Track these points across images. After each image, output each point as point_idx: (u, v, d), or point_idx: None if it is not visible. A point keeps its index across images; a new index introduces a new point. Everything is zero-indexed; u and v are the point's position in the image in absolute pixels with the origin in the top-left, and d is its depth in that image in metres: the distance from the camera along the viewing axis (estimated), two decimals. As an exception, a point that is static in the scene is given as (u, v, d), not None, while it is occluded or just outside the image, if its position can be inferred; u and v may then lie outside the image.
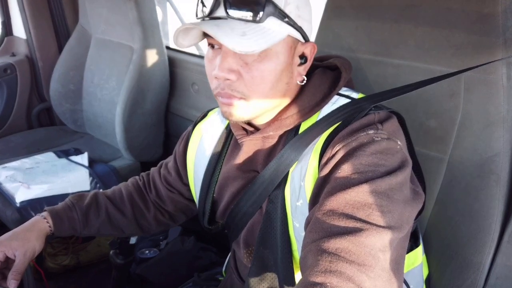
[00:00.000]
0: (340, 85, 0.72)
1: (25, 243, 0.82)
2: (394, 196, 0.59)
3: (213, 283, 1.04)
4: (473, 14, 0.80)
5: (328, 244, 0.55)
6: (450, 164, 0.86)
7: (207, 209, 0.86)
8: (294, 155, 0.69)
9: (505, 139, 0.80)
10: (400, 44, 0.90)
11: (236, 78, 0.66)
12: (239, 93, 0.67)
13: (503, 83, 0.78)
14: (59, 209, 0.92)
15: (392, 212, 0.58)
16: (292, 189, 0.70)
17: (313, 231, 0.59)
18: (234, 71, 0.66)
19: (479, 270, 0.83)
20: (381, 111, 0.69)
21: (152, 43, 1.71)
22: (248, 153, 0.76)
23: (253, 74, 0.66)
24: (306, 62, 0.72)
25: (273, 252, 0.73)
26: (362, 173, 0.60)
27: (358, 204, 0.58)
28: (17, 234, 0.84)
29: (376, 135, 0.63)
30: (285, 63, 0.68)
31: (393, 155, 0.63)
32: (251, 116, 0.71)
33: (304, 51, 0.71)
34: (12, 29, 2.19)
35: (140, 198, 0.99)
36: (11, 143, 1.96)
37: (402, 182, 0.62)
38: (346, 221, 0.56)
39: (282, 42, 0.66)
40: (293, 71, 0.70)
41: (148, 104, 1.77)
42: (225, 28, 0.62)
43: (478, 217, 0.82)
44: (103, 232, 0.97)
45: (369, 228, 0.55)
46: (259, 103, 0.69)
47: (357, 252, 0.54)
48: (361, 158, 0.61)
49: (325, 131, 0.68)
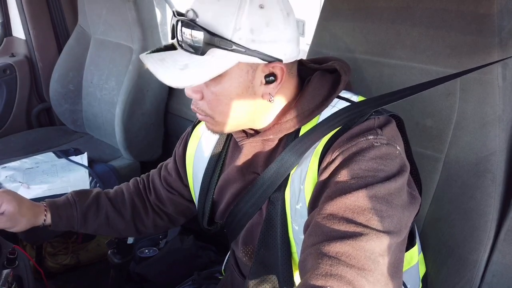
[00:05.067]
0: (340, 88, 0.72)
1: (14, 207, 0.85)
2: (393, 201, 0.60)
3: (212, 281, 1.04)
4: (469, 15, 0.80)
5: (328, 248, 0.55)
6: (446, 163, 0.86)
7: (206, 210, 0.87)
8: (295, 158, 0.69)
9: (500, 138, 0.80)
10: (397, 45, 0.91)
11: (200, 98, 0.69)
12: (203, 111, 0.71)
13: (498, 83, 0.79)
14: (60, 203, 0.93)
15: (391, 217, 0.59)
16: (292, 192, 0.70)
17: (313, 235, 0.59)
18: (197, 92, 0.69)
19: (475, 268, 0.84)
20: (381, 116, 0.69)
21: (151, 44, 1.71)
22: (248, 155, 0.77)
23: (209, 96, 0.68)
24: (276, 81, 0.68)
25: (273, 254, 0.73)
26: (362, 178, 0.61)
27: (358, 208, 0.58)
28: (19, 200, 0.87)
29: (375, 140, 0.64)
30: (243, 85, 0.67)
31: (392, 160, 0.63)
32: (228, 131, 0.74)
33: (271, 71, 0.68)
34: (12, 30, 2.19)
35: (140, 202, 1.00)
36: (11, 143, 1.96)
37: (400, 187, 0.63)
38: (346, 226, 0.57)
39: (235, 67, 0.65)
40: (256, 92, 0.68)
41: (148, 104, 1.77)
42: (169, 61, 0.65)
43: (474, 215, 0.83)
44: (100, 232, 0.99)
45: (369, 232, 0.56)
46: (226, 121, 0.71)
47: (357, 257, 0.54)
48: (360, 163, 0.62)
49: (325, 135, 0.68)
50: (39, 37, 2.10)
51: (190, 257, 1.35)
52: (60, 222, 0.92)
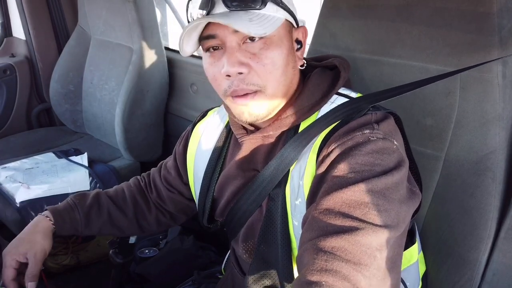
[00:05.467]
0: (339, 84, 0.73)
1: (33, 245, 0.83)
2: (390, 195, 0.60)
3: (212, 281, 1.04)
4: (469, 13, 0.80)
5: (324, 243, 0.55)
6: (446, 162, 0.86)
7: (207, 208, 0.87)
8: (294, 154, 0.69)
9: (501, 137, 0.80)
10: (397, 43, 0.91)
11: (248, 71, 0.66)
12: (254, 85, 0.67)
13: (498, 82, 0.79)
14: (61, 209, 0.92)
15: (389, 211, 0.58)
16: (292, 188, 0.70)
17: (309, 230, 0.59)
18: (244, 64, 0.66)
19: (475, 266, 0.84)
20: (378, 111, 0.69)
21: (151, 44, 1.71)
22: (248, 152, 0.77)
23: (263, 62, 0.66)
24: (302, 47, 0.73)
25: (273, 250, 0.73)
26: (358, 172, 0.60)
27: (354, 203, 0.58)
28: (23, 239, 0.85)
29: (371, 134, 0.64)
30: (288, 47, 0.69)
31: (389, 154, 0.63)
32: (268, 111, 0.70)
33: (297, 36, 0.73)
34: (12, 30, 2.20)
35: (142, 199, 1.00)
36: (11, 143, 1.96)
37: (398, 182, 0.62)
38: (342, 220, 0.57)
39: (281, 27, 0.67)
40: (295, 55, 0.72)
41: (148, 105, 1.78)
42: (233, 17, 0.62)
43: (474, 214, 0.83)
44: (104, 232, 0.98)
45: (365, 227, 0.56)
46: (275, 91, 0.69)
47: (353, 251, 0.54)
48: (357, 158, 0.61)
49: (323, 130, 0.68)
50: (39, 37, 2.10)
51: (190, 257, 1.35)
52: (64, 226, 0.91)
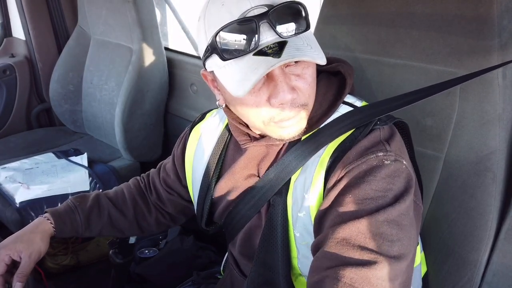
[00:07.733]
0: (345, 93, 0.72)
1: (30, 245, 0.82)
2: (402, 222, 0.62)
3: (212, 281, 1.04)
4: (469, 14, 0.80)
5: (343, 272, 0.58)
6: (446, 162, 0.86)
7: (205, 211, 0.86)
8: (296, 163, 0.69)
9: (501, 137, 0.80)
10: (397, 44, 0.91)
11: (297, 94, 0.65)
12: (302, 105, 0.66)
13: (498, 82, 0.79)
14: (61, 211, 0.92)
15: (401, 240, 0.61)
16: (294, 199, 0.70)
17: (328, 257, 0.61)
18: (294, 89, 0.64)
19: (476, 267, 0.84)
20: (385, 125, 0.69)
21: (151, 44, 1.71)
22: (250, 158, 0.76)
23: (308, 81, 0.65)
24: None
25: (273, 257, 0.74)
26: (373, 199, 0.62)
27: (370, 234, 0.60)
28: (21, 237, 0.84)
29: (385, 157, 0.64)
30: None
31: (399, 176, 0.64)
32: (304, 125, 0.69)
33: None
34: (12, 30, 2.20)
35: (142, 200, 1.00)
36: (10, 143, 1.96)
37: (409, 205, 0.64)
38: (360, 253, 0.59)
39: None
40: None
41: (147, 105, 1.77)
42: (290, 48, 0.59)
43: (474, 214, 0.83)
44: (104, 233, 0.98)
45: (381, 260, 0.58)
46: (311, 105, 0.69)
47: (371, 283, 0.57)
48: (372, 184, 0.62)
49: (328, 142, 0.68)
50: (39, 37, 2.10)
51: (190, 257, 1.35)
52: (65, 228, 0.91)
